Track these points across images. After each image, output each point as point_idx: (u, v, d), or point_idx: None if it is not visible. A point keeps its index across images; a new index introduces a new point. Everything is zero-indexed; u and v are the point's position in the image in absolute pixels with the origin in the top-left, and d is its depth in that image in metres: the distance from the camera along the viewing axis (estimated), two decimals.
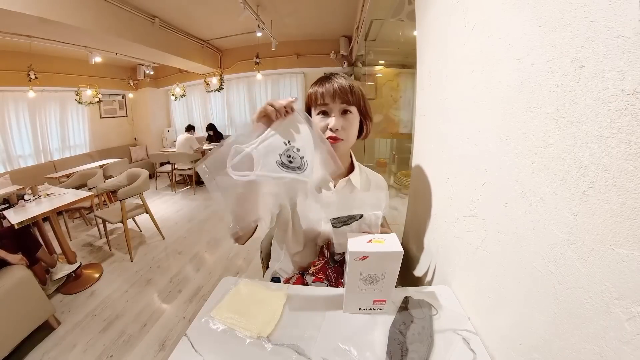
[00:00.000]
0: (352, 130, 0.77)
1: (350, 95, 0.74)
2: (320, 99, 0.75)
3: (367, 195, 0.74)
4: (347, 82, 0.75)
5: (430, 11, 0.86)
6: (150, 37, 3.67)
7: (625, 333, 0.32)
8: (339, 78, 0.76)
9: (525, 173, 0.47)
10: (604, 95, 0.33)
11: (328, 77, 0.77)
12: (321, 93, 0.75)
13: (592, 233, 0.35)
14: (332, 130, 0.75)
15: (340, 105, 0.74)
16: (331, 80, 0.75)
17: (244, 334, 0.62)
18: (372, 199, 0.69)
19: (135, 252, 2.73)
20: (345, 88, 0.73)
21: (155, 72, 5.71)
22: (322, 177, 0.66)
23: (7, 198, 2.07)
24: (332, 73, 0.79)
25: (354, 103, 0.75)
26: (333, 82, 0.74)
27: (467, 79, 0.66)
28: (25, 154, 4.52)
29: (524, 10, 0.46)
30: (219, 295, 0.74)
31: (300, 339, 0.61)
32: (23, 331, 1.55)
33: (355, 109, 0.76)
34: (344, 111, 0.75)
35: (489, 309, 0.60)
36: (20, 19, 2.35)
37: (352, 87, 0.74)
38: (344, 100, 0.74)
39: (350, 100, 0.74)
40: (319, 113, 0.77)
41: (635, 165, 0.30)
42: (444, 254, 0.82)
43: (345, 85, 0.74)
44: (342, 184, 0.87)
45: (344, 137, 0.76)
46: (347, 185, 0.87)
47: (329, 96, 0.74)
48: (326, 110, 0.76)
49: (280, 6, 3.61)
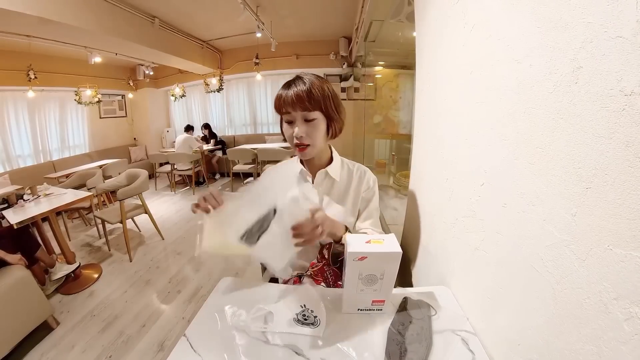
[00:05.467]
0: (316, 134, 0.78)
1: (309, 102, 0.73)
2: (284, 108, 0.76)
3: (277, 180, 0.70)
4: (306, 86, 0.74)
5: (430, 12, 0.87)
6: (150, 37, 3.68)
7: (624, 333, 0.32)
8: (299, 83, 0.75)
9: (524, 174, 0.47)
10: (602, 96, 0.33)
11: (289, 82, 0.78)
12: (283, 101, 0.76)
13: (590, 233, 0.35)
14: (297, 138, 0.76)
15: (302, 112, 0.75)
16: (291, 87, 0.75)
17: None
18: (283, 181, 0.65)
19: (134, 253, 2.73)
20: (301, 95, 0.73)
21: (155, 73, 5.72)
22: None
23: (6, 198, 2.07)
24: (297, 75, 0.79)
25: (315, 108, 0.75)
26: (292, 88, 0.75)
27: (466, 80, 0.66)
28: (24, 153, 4.52)
29: (522, 11, 0.46)
30: (219, 296, 0.74)
31: (299, 338, 0.61)
32: (22, 331, 1.55)
33: (318, 113, 0.76)
34: (306, 118, 0.76)
35: (488, 309, 0.60)
36: (20, 18, 2.35)
37: (311, 92, 0.73)
38: (303, 108, 0.74)
39: (309, 107, 0.74)
40: (286, 121, 0.79)
41: (633, 165, 0.30)
42: (443, 254, 0.82)
43: (302, 92, 0.73)
44: (321, 176, 0.87)
45: (310, 142, 0.78)
46: (327, 178, 0.88)
47: (289, 105, 0.75)
48: (290, 119, 0.77)
49: (280, 7, 3.62)
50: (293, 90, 0.74)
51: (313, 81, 0.76)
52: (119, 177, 2.95)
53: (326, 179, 0.88)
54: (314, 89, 0.74)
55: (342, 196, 0.89)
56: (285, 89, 0.77)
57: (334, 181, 0.88)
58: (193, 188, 4.85)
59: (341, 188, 0.90)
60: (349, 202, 0.89)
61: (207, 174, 5.33)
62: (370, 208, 0.91)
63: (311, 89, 0.74)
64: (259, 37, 3.91)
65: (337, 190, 0.89)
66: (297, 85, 0.75)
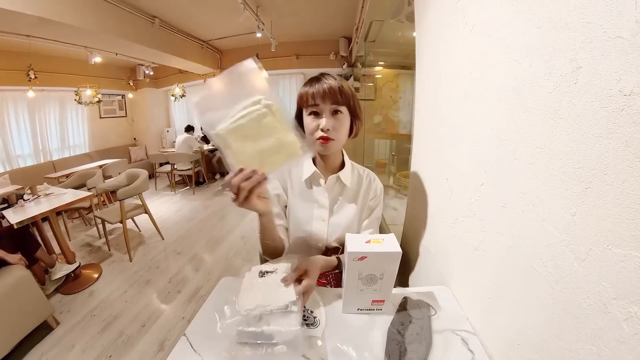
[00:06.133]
0: (342, 129, 0.78)
1: (340, 96, 0.74)
2: (311, 100, 0.75)
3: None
4: (336, 82, 0.75)
5: (430, 12, 0.87)
6: (150, 37, 3.67)
7: (623, 333, 0.32)
8: (329, 78, 0.76)
9: (524, 174, 0.47)
10: (602, 96, 0.33)
11: (318, 77, 0.78)
12: (312, 94, 0.75)
13: (589, 233, 0.36)
14: (323, 130, 0.75)
15: (331, 105, 0.75)
16: (321, 81, 0.76)
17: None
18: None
19: (134, 253, 2.73)
20: (334, 88, 0.74)
21: (155, 73, 5.71)
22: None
23: (7, 198, 2.07)
24: (322, 73, 0.79)
25: (344, 103, 0.75)
26: (323, 83, 0.75)
27: (466, 80, 0.66)
28: (24, 153, 4.51)
29: (522, 11, 0.46)
30: (218, 296, 0.74)
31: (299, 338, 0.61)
32: (22, 331, 1.55)
33: (345, 109, 0.77)
34: (335, 111, 0.76)
35: (488, 309, 0.60)
36: (20, 18, 2.34)
37: (342, 87, 0.75)
38: (334, 101, 0.74)
39: (340, 100, 0.74)
40: (310, 114, 0.77)
41: (633, 165, 0.30)
42: (443, 254, 0.82)
43: (334, 86, 0.74)
44: (333, 181, 0.87)
45: (335, 137, 0.77)
46: (338, 182, 0.88)
47: (319, 97, 0.74)
48: (317, 111, 0.76)
49: (280, 7, 3.61)
50: (325, 83, 0.74)
51: (341, 79, 0.77)
52: (119, 177, 2.95)
53: (337, 183, 0.88)
54: (344, 86, 0.76)
55: (351, 202, 0.89)
56: (314, 82, 0.77)
57: (345, 186, 0.88)
58: (193, 188, 4.85)
59: (350, 194, 0.90)
60: (356, 208, 0.89)
61: (207, 174, 5.33)
62: (372, 217, 0.91)
63: (342, 84, 0.75)
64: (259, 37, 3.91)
65: (347, 196, 0.89)
66: (328, 80, 0.75)
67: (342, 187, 0.88)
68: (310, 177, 0.87)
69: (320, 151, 0.82)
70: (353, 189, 0.90)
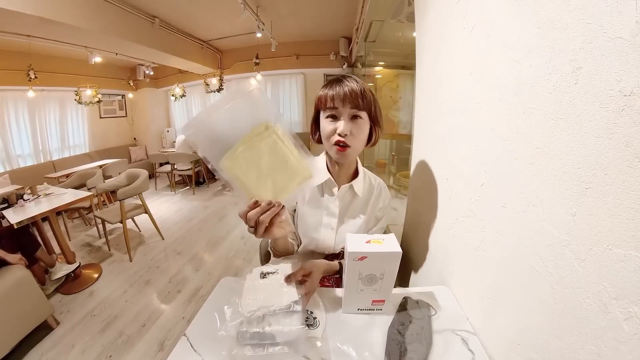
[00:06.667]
0: (360, 136, 0.74)
1: (361, 100, 0.70)
2: (330, 102, 0.71)
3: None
4: (358, 85, 0.71)
5: (430, 12, 0.87)
6: (150, 37, 3.67)
7: (623, 333, 0.32)
8: (351, 81, 0.72)
9: (524, 174, 0.47)
10: (602, 96, 0.33)
11: (339, 79, 0.74)
12: (331, 96, 0.71)
13: (589, 233, 0.36)
14: (341, 135, 0.71)
15: (350, 110, 0.71)
16: (342, 83, 0.72)
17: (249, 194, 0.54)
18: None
19: (134, 253, 2.73)
20: (356, 92, 0.70)
21: (155, 73, 5.71)
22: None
23: (7, 198, 2.07)
24: (343, 75, 0.75)
25: (365, 108, 0.72)
26: (344, 86, 0.71)
27: (466, 80, 0.66)
28: (24, 153, 4.51)
29: (522, 12, 0.46)
30: (219, 296, 0.74)
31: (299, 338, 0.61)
32: (22, 331, 1.55)
33: (365, 115, 0.73)
34: (354, 116, 0.72)
35: (488, 309, 0.60)
36: (20, 18, 2.34)
37: (364, 92, 0.71)
38: (354, 105, 0.70)
39: (360, 105, 0.70)
40: (328, 117, 0.74)
41: (633, 165, 0.30)
42: (443, 254, 0.82)
43: (356, 89, 0.70)
44: (345, 190, 0.86)
45: (352, 144, 0.73)
46: (349, 191, 0.87)
47: (339, 100, 0.70)
48: (335, 115, 0.73)
49: (280, 7, 3.61)
50: (347, 86, 0.71)
51: (364, 83, 0.73)
52: (119, 177, 2.95)
53: (348, 192, 0.87)
54: (366, 90, 0.71)
55: (360, 211, 0.88)
56: (335, 84, 0.73)
57: (356, 195, 0.86)
58: (193, 188, 4.85)
59: (361, 203, 0.88)
60: (365, 217, 0.88)
61: (207, 174, 5.32)
62: (377, 228, 0.91)
63: (364, 88, 0.71)
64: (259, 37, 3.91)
65: (357, 205, 0.88)
66: (350, 83, 0.71)
67: (354, 196, 0.87)
68: (323, 183, 0.85)
69: (336, 159, 0.79)
70: (364, 198, 0.88)
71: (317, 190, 0.87)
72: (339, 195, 0.86)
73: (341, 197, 0.86)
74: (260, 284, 0.65)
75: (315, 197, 0.87)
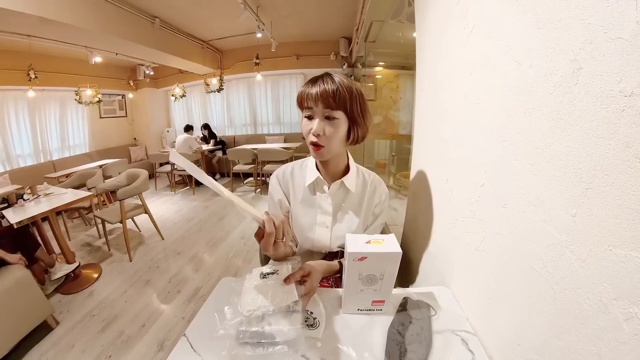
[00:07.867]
0: (335, 136, 0.73)
1: (333, 100, 0.69)
2: (306, 102, 0.72)
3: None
4: (334, 85, 0.69)
5: (430, 13, 0.87)
6: (150, 37, 3.68)
7: (623, 333, 0.32)
8: (327, 80, 0.71)
9: (524, 174, 0.47)
10: (602, 96, 0.33)
11: (316, 78, 0.73)
12: (307, 95, 0.71)
13: (590, 234, 0.36)
14: (314, 134, 0.72)
15: (324, 109, 0.70)
16: (317, 83, 0.71)
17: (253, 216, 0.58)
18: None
19: (134, 253, 2.72)
20: (327, 92, 0.69)
21: (155, 73, 5.72)
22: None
23: (6, 197, 2.07)
24: (325, 72, 0.75)
25: (338, 108, 0.70)
26: (318, 85, 0.70)
27: (466, 81, 0.66)
28: (24, 153, 4.52)
29: (523, 12, 0.46)
30: (218, 296, 0.74)
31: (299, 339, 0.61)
32: (21, 331, 1.55)
33: (341, 114, 0.72)
34: (328, 116, 0.71)
35: (488, 309, 0.60)
36: (20, 18, 2.35)
37: (337, 91, 0.69)
38: (326, 105, 0.70)
39: (332, 105, 0.69)
40: (306, 116, 0.74)
41: (633, 166, 0.30)
42: (443, 254, 0.82)
43: (328, 89, 0.69)
44: (336, 187, 0.85)
45: (325, 144, 0.73)
46: (342, 188, 0.86)
47: (312, 100, 0.70)
48: (311, 114, 0.73)
49: (280, 7, 3.62)
50: (319, 85, 0.70)
51: (342, 80, 0.71)
52: (119, 177, 2.95)
53: (341, 188, 0.86)
54: (341, 88, 0.70)
55: (355, 208, 0.87)
56: (311, 83, 0.73)
57: (349, 191, 0.85)
58: (193, 188, 4.85)
59: (355, 199, 0.87)
60: (360, 214, 0.87)
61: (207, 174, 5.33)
62: (375, 225, 0.89)
63: (339, 87, 0.70)
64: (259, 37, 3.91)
65: (351, 201, 0.87)
66: (325, 82, 0.70)
67: (346, 192, 0.86)
68: (313, 182, 0.85)
69: (314, 157, 0.80)
70: (357, 194, 0.87)
71: (309, 190, 0.86)
72: (331, 193, 0.85)
73: (333, 194, 0.85)
74: (260, 284, 0.65)
75: (308, 197, 0.87)
